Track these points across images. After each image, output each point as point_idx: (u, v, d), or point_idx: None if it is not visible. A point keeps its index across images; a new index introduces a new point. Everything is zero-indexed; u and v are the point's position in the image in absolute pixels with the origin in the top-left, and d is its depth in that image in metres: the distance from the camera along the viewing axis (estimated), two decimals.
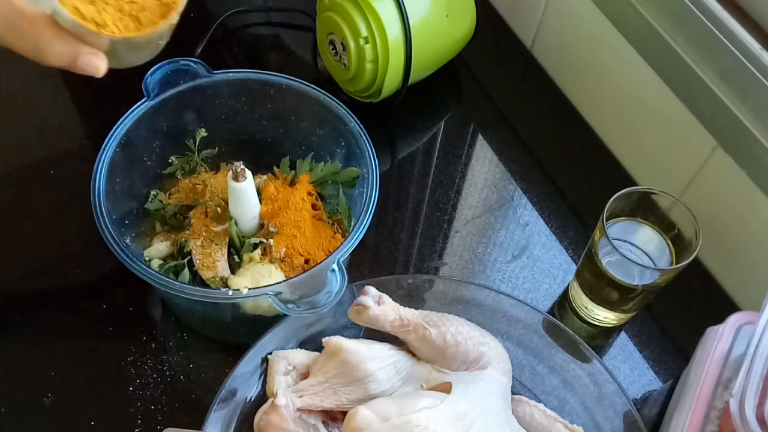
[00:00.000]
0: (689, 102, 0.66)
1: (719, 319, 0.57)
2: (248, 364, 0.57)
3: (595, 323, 0.66)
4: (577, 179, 0.78)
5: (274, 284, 0.54)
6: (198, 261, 0.61)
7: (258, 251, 0.61)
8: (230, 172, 0.60)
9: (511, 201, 0.75)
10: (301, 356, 0.58)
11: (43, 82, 0.81)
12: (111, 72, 0.45)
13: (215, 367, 0.62)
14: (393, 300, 0.58)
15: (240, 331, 0.64)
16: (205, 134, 0.67)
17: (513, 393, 0.59)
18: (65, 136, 0.77)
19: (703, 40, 0.62)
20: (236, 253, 0.63)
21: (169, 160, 0.67)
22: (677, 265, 0.58)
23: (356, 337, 0.60)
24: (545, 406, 0.59)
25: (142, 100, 0.61)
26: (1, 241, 0.69)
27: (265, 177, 0.68)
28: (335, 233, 0.66)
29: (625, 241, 0.63)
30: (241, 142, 0.69)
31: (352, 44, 0.72)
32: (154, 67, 0.62)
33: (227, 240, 0.62)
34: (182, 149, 0.67)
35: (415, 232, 0.72)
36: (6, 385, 0.61)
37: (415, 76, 0.75)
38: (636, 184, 0.77)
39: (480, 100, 0.84)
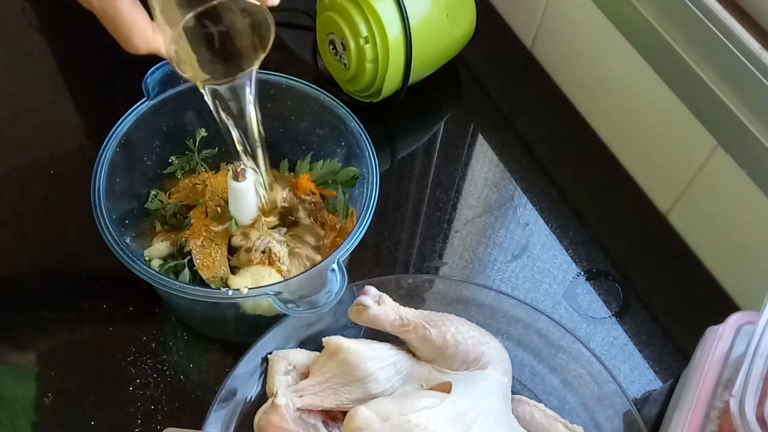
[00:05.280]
0: (689, 102, 0.66)
1: (719, 319, 0.57)
2: (248, 364, 0.57)
3: None
4: (577, 179, 0.78)
5: (273, 284, 0.54)
6: (198, 261, 0.61)
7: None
8: (230, 172, 0.60)
9: (511, 201, 0.75)
10: (301, 356, 0.58)
11: (43, 82, 0.81)
12: (111, 71, 0.45)
13: (215, 367, 0.62)
14: (393, 300, 0.58)
15: (240, 331, 0.64)
16: (205, 134, 0.67)
17: (513, 393, 0.59)
18: (65, 136, 0.77)
19: (703, 40, 0.62)
20: (236, 252, 0.63)
21: (169, 160, 0.67)
22: None
23: (356, 337, 0.60)
24: (545, 406, 0.59)
25: (142, 100, 0.61)
26: (1, 241, 0.69)
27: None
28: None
29: None
30: None
31: (352, 44, 0.72)
32: (154, 67, 0.62)
33: (227, 240, 0.62)
34: (182, 149, 0.67)
35: (415, 232, 0.72)
36: (6, 385, 0.61)
37: (415, 76, 0.75)
38: (636, 184, 0.77)
39: (480, 100, 0.84)
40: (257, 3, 0.45)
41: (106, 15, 0.44)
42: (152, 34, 0.45)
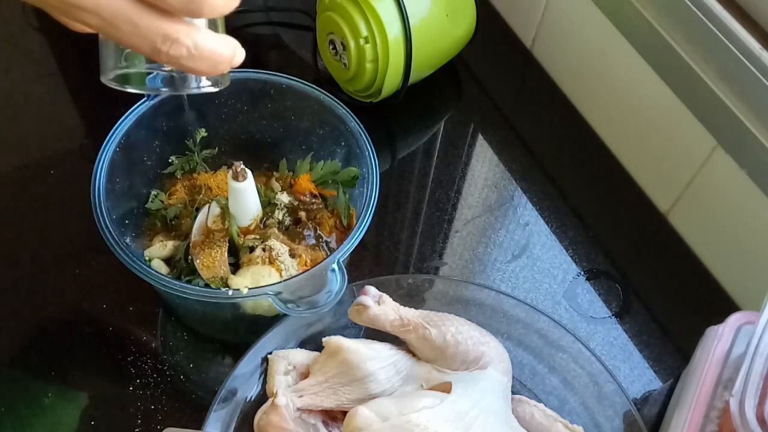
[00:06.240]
0: (689, 102, 0.66)
1: (719, 319, 0.57)
2: (248, 364, 0.57)
3: None
4: (577, 179, 0.78)
5: (273, 284, 0.54)
6: (198, 261, 0.61)
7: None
8: (230, 172, 0.60)
9: (511, 201, 0.75)
10: (301, 356, 0.58)
11: (43, 82, 0.81)
12: None
13: (215, 367, 0.62)
14: (393, 300, 0.58)
15: (240, 331, 0.64)
16: (205, 134, 0.67)
17: (513, 393, 0.59)
18: (65, 136, 0.77)
19: (703, 40, 0.62)
20: (236, 253, 0.63)
21: (169, 160, 0.67)
22: None
23: (356, 337, 0.60)
24: (545, 406, 0.59)
25: (142, 100, 0.61)
26: (1, 241, 0.69)
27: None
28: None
29: None
30: (241, 142, 0.69)
31: (352, 44, 0.72)
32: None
33: (227, 240, 0.62)
34: (182, 149, 0.67)
35: (415, 232, 0.72)
36: (6, 385, 0.61)
37: (415, 76, 0.75)
38: (636, 184, 0.77)
39: (480, 100, 0.84)
40: (210, 89, 0.42)
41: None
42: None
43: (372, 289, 0.57)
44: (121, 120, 0.61)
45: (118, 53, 0.39)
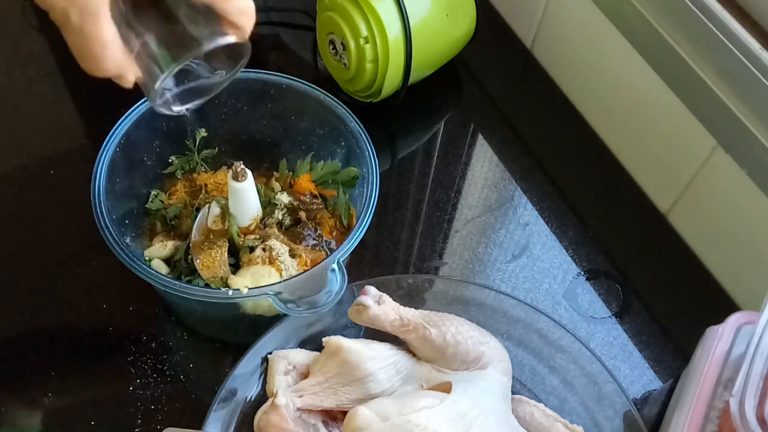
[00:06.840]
0: (689, 102, 0.66)
1: (719, 319, 0.57)
2: (248, 364, 0.57)
3: None
4: (577, 179, 0.78)
5: (273, 284, 0.54)
6: (198, 261, 0.61)
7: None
8: (230, 172, 0.60)
9: (511, 201, 0.75)
10: (301, 356, 0.58)
11: (43, 82, 0.81)
12: None
13: (215, 367, 0.62)
14: (393, 300, 0.58)
15: (240, 331, 0.64)
16: (205, 134, 0.67)
17: (513, 393, 0.59)
18: (65, 136, 0.77)
19: (703, 40, 0.62)
20: (236, 253, 0.63)
21: (169, 160, 0.67)
22: None
23: (356, 337, 0.60)
24: (545, 406, 0.59)
25: (142, 100, 0.61)
26: (1, 240, 0.69)
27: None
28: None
29: None
30: (241, 142, 0.69)
31: (352, 44, 0.72)
32: None
33: (227, 240, 0.62)
34: (182, 149, 0.67)
35: (415, 232, 0.72)
36: (6, 385, 0.61)
37: (415, 76, 0.75)
38: (636, 184, 0.77)
39: (480, 100, 0.84)
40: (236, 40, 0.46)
41: (83, 32, 0.41)
42: (124, 58, 0.43)
43: (372, 289, 0.57)
44: (121, 120, 0.61)
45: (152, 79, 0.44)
